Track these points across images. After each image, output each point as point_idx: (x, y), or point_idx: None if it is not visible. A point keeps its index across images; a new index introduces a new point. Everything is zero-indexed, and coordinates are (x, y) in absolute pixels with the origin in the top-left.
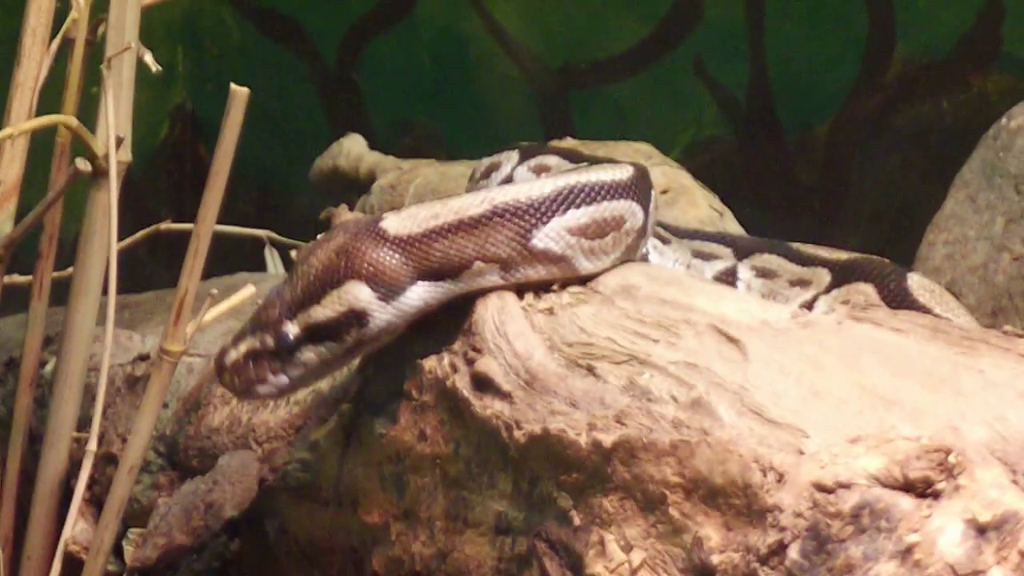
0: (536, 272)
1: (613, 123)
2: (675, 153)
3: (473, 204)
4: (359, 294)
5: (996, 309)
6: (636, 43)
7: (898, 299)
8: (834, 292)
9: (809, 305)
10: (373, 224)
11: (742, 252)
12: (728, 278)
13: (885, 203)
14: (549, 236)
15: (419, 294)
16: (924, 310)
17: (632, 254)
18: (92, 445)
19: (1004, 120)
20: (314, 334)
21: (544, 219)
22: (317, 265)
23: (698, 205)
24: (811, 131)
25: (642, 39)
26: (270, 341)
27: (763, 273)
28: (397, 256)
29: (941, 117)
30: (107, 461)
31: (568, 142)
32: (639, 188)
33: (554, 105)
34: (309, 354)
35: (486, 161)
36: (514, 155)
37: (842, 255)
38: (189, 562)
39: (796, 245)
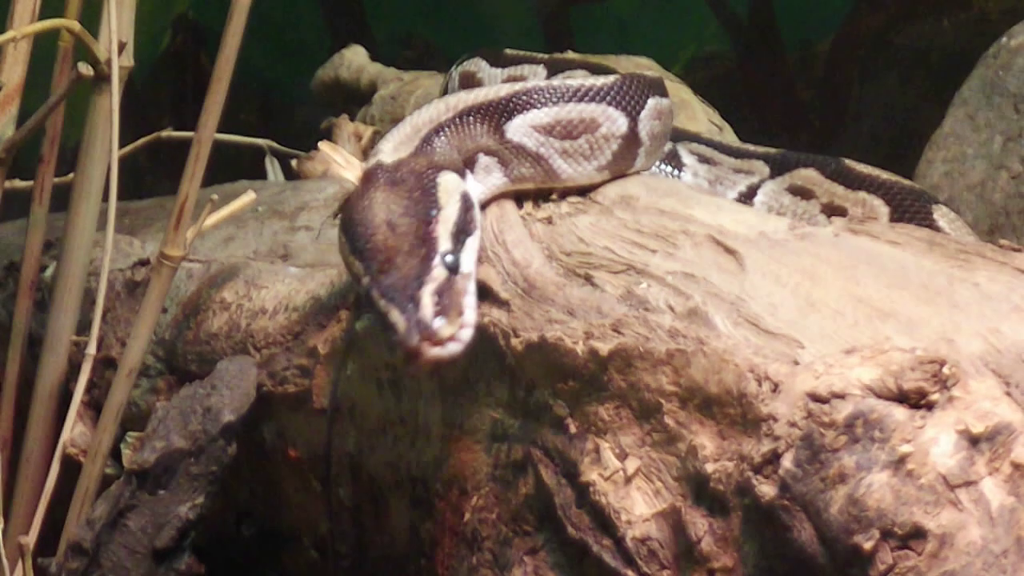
0: (527, 170)
1: (614, 38)
2: (676, 68)
3: (449, 107)
4: (450, 178)
5: (993, 227)
6: None
7: (841, 177)
8: (778, 179)
9: (755, 189)
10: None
11: (678, 137)
12: (672, 160)
13: (884, 121)
14: (519, 130)
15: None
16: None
17: (627, 163)
18: (91, 349)
19: (1004, 39)
20: (455, 238)
21: (509, 115)
22: (405, 200)
23: (697, 119)
24: (812, 48)
25: None
26: (440, 271)
27: (705, 159)
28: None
29: (942, 36)
30: (106, 365)
31: (570, 55)
32: (620, 96)
33: (555, 19)
34: (465, 255)
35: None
36: (539, 69)
37: (770, 149)
38: (186, 466)
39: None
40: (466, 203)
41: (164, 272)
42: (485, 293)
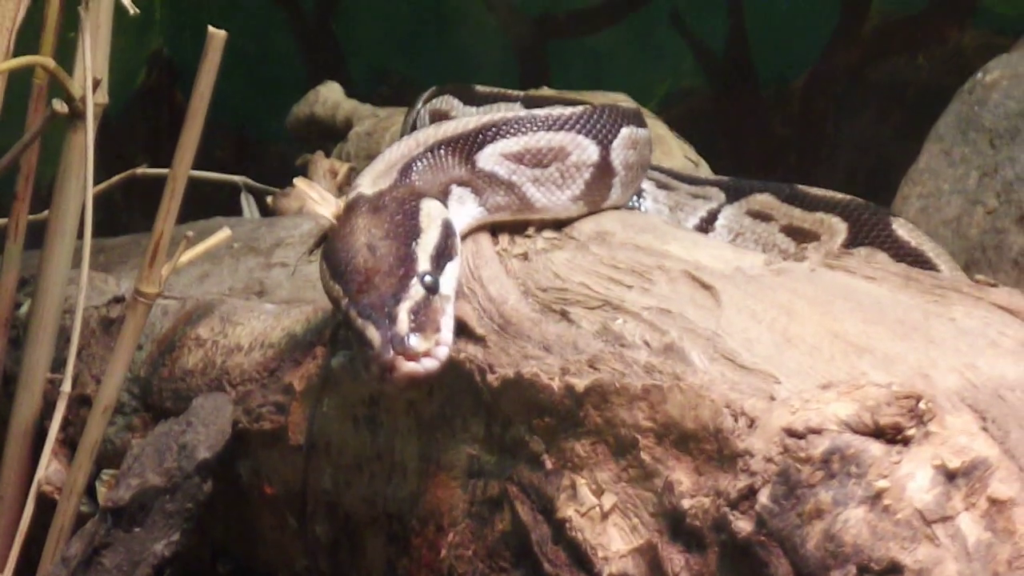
0: (501, 198)
1: (590, 73)
2: (652, 104)
3: (420, 142)
4: (433, 204)
5: (970, 262)
6: None
7: (797, 200)
8: (735, 204)
9: (715, 214)
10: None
11: None
12: None
13: (860, 157)
14: (490, 159)
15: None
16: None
17: (603, 194)
18: (66, 386)
19: (980, 74)
20: (434, 261)
21: (480, 145)
22: (386, 224)
23: (673, 155)
24: (787, 84)
25: None
26: (417, 291)
27: (663, 185)
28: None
29: (917, 71)
30: (81, 402)
31: (545, 91)
32: (589, 124)
33: (531, 55)
34: (445, 279)
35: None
36: (515, 106)
37: (722, 177)
38: (162, 503)
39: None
40: (447, 229)
41: (139, 309)
42: (461, 329)
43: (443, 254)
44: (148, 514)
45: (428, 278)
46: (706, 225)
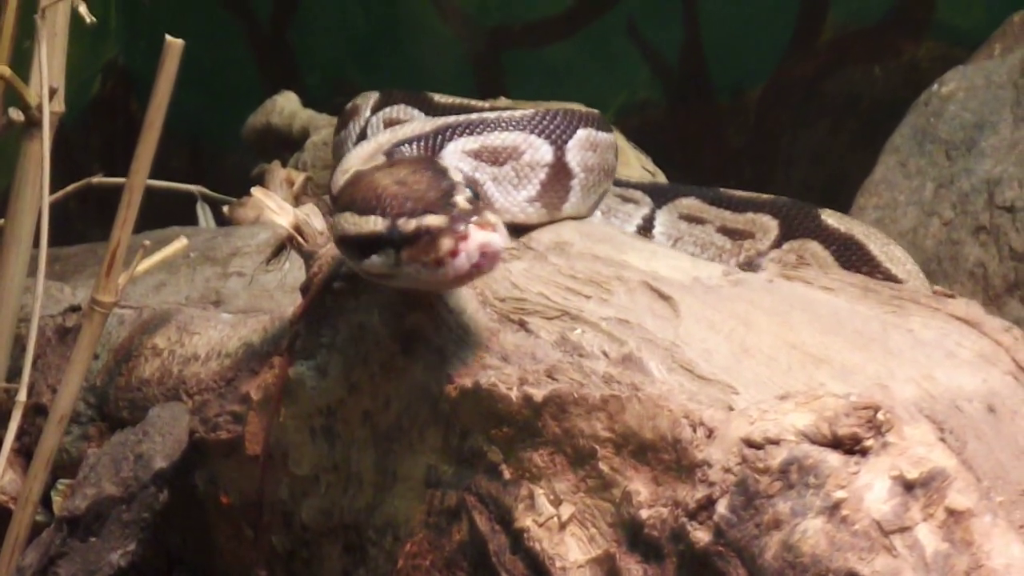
0: None
1: (546, 85)
2: (608, 115)
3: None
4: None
5: (925, 273)
6: (570, 5)
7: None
8: (665, 208)
9: (650, 220)
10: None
11: None
12: None
13: (815, 168)
14: (453, 156)
15: None
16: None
17: (560, 196)
18: (22, 396)
19: (935, 86)
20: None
21: (441, 144)
22: (408, 167)
23: (631, 165)
24: (743, 95)
25: (576, 1)
26: (465, 191)
27: None
28: None
29: (872, 83)
30: (36, 412)
31: (503, 102)
32: (542, 124)
33: (487, 66)
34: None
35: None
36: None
37: (644, 181)
38: (118, 512)
39: None
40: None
41: (96, 318)
42: (419, 339)
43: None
44: (104, 524)
45: (469, 190)
46: (644, 232)
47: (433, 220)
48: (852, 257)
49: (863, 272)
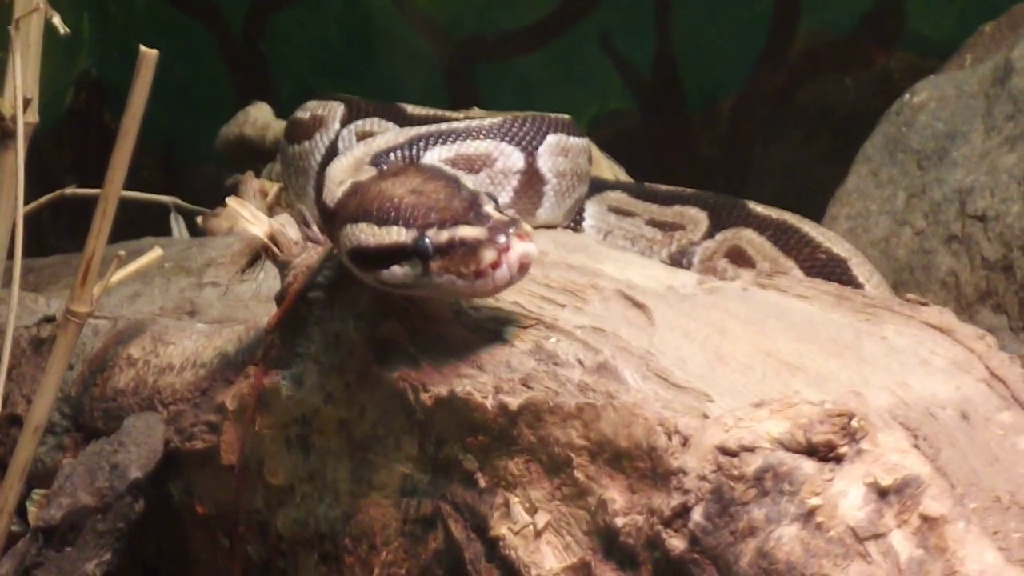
0: None
1: (519, 96)
2: (581, 125)
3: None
4: None
5: (897, 283)
6: (542, 16)
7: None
8: (593, 200)
9: (580, 212)
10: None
11: None
12: None
13: (788, 178)
14: (432, 161)
15: None
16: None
17: (534, 202)
18: None
19: (907, 96)
20: None
21: (419, 154)
22: (418, 176)
23: (604, 175)
24: (715, 106)
25: (549, 12)
26: (489, 202)
27: None
28: None
29: (844, 93)
30: (11, 422)
31: (476, 113)
32: (511, 132)
33: (460, 77)
34: None
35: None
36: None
37: None
38: (93, 523)
39: None
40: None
41: (70, 328)
42: (394, 348)
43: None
44: (79, 534)
45: (489, 198)
46: (574, 225)
47: (470, 232)
48: (790, 240)
49: (804, 253)
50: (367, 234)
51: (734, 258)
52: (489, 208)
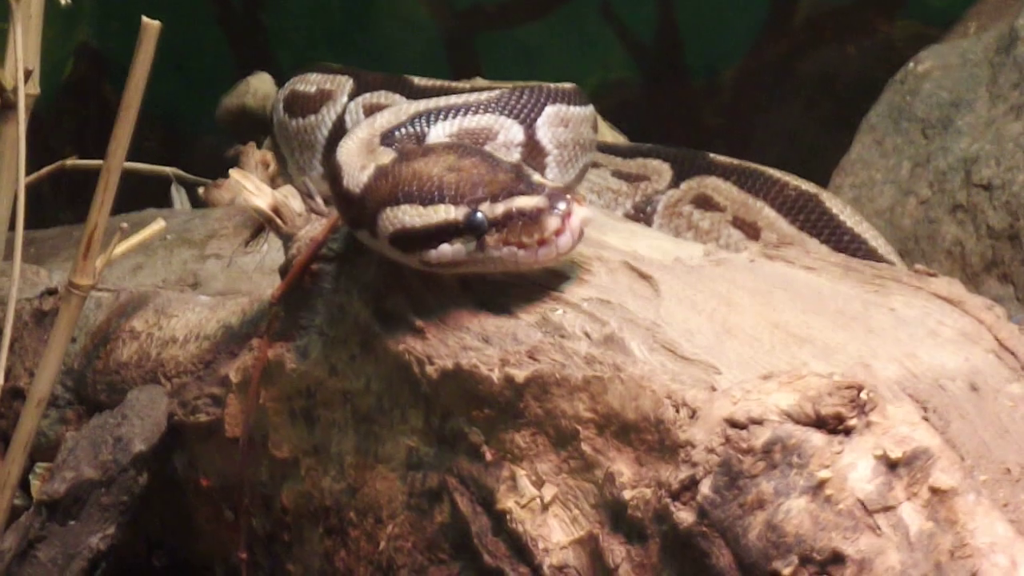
0: None
1: (520, 66)
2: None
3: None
4: None
5: (902, 252)
6: None
7: (612, 151)
8: None
9: None
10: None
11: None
12: None
13: (791, 148)
14: (438, 137)
15: None
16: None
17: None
18: None
19: (911, 64)
20: None
21: (428, 126)
22: (451, 154)
23: None
24: (718, 75)
25: None
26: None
27: None
28: None
29: (847, 62)
30: (14, 395)
31: (480, 83)
32: (508, 105)
33: (461, 47)
34: None
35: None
36: None
37: None
38: (97, 496)
39: None
40: None
41: (73, 301)
42: (399, 320)
43: None
44: (83, 507)
45: (531, 170)
46: None
47: (529, 201)
48: (756, 182)
49: (773, 191)
50: (411, 215)
51: (700, 204)
52: (537, 177)
